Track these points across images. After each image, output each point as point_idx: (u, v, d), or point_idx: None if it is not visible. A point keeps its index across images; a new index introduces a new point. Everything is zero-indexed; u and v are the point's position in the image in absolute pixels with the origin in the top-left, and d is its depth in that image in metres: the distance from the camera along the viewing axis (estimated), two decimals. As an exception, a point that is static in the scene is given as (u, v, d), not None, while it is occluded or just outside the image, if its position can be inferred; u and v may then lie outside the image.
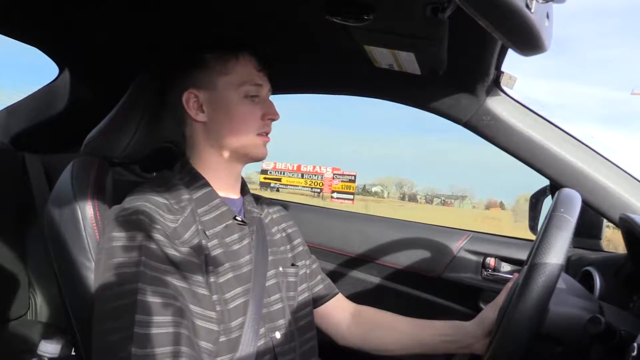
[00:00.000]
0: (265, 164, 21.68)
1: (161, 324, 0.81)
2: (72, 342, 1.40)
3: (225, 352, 0.91)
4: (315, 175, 22.38)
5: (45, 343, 0.92)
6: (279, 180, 22.15)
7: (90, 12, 1.12)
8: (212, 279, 0.92)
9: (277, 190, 21.57)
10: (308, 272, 1.18)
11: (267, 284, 1.02)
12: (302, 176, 22.57)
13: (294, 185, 22.35)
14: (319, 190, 22.25)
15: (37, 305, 1.57)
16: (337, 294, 1.23)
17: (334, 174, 22.18)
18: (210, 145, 1.01)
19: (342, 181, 22.14)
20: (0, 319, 1.48)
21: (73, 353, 1.39)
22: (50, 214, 1.00)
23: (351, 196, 22.23)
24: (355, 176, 22.72)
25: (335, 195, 21.79)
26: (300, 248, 1.19)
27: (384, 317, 1.20)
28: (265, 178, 22.18)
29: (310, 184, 22.44)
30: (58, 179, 1.03)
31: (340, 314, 1.21)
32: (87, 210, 0.97)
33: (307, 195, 21.84)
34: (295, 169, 22.67)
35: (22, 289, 1.53)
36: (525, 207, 1.42)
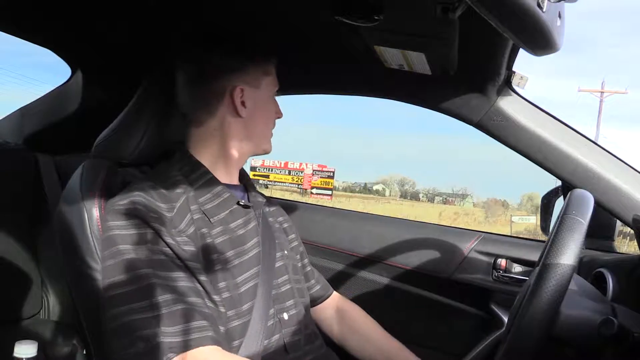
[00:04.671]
0: (254, 161, 21.80)
1: (180, 301, 0.84)
2: (83, 341, 1.42)
3: (238, 336, 0.93)
4: (301, 172, 22.51)
5: (19, 345, 0.91)
6: (267, 177, 22.24)
7: (101, 13, 1.13)
8: (218, 267, 0.94)
9: (266, 187, 21.67)
10: (303, 270, 1.21)
11: (275, 266, 1.04)
12: (289, 173, 22.68)
13: (282, 182, 22.44)
14: (300, 186, 22.37)
15: (49, 305, 1.58)
16: (332, 293, 1.27)
17: (314, 171, 22.24)
18: (240, 139, 1.05)
19: (321, 177, 22.23)
20: (13, 317, 1.50)
21: (84, 352, 1.41)
22: (61, 214, 1.01)
23: (329, 192, 22.29)
24: (333, 172, 22.80)
25: (314, 191, 21.83)
26: (295, 243, 1.21)
27: (363, 326, 1.23)
28: (254, 175, 22.20)
29: (295, 181, 22.54)
30: (69, 180, 1.04)
31: (329, 310, 1.25)
32: (94, 212, 0.97)
33: (294, 191, 21.92)
34: (282, 165, 22.77)
35: (35, 289, 1.54)
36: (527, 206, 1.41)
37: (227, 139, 1.04)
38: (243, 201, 1.05)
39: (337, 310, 1.26)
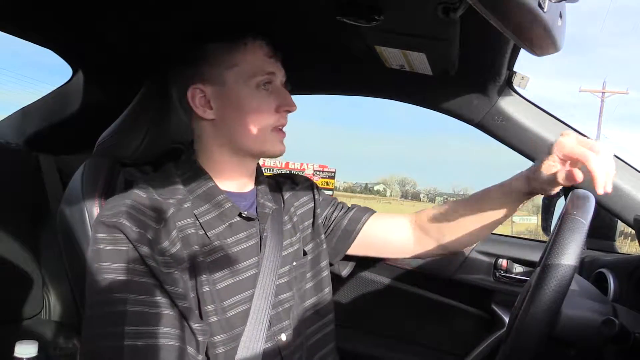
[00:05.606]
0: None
1: (152, 336, 0.78)
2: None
3: None
4: (301, 172, 22.54)
5: (20, 345, 0.91)
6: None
7: (102, 14, 1.13)
8: (206, 288, 0.86)
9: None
10: (321, 244, 1.09)
11: (278, 282, 0.95)
12: (289, 173, 22.76)
13: (283, 183, 22.50)
14: (300, 187, 22.45)
15: (50, 305, 1.58)
16: (373, 213, 1.13)
17: (315, 171, 22.28)
18: (221, 144, 0.94)
19: (322, 177, 22.25)
20: (15, 317, 1.50)
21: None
22: (62, 214, 1.02)
23: (331, 192, 22.25)
24: (334, 172, 22.81)
25: (315, 191, 21.88)
26: (309, 231, 1.09)
27: (445, 217, 1.07)
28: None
29: (295, 181, 22.59)
30: (71, 180, 1.04)
31: (403, 231, 1.11)
32: (94, 211, 0.97)
33: (294, 191, 22.04)
34: (283, 166, 22.81)
35: (36, 289, 1.55)
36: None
37: (207, 145, 0.95)
38: (245, 213, 0.93)
39: (414, 227, 1.11)
